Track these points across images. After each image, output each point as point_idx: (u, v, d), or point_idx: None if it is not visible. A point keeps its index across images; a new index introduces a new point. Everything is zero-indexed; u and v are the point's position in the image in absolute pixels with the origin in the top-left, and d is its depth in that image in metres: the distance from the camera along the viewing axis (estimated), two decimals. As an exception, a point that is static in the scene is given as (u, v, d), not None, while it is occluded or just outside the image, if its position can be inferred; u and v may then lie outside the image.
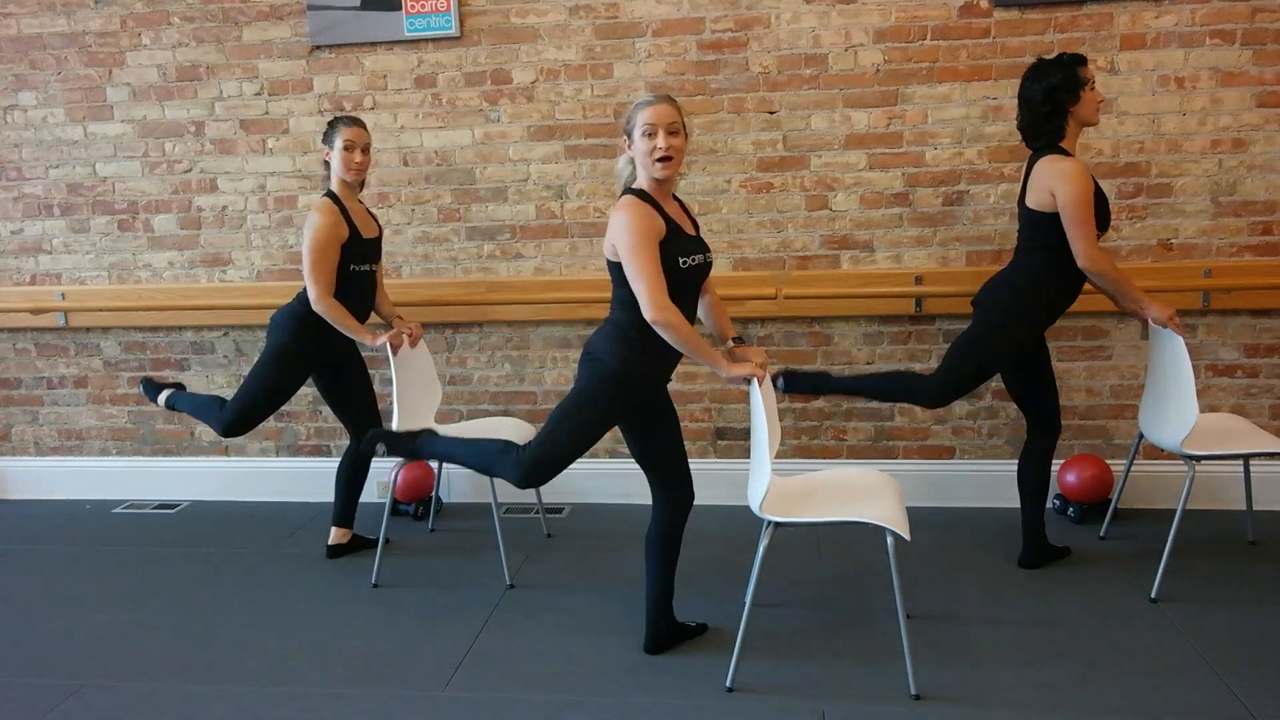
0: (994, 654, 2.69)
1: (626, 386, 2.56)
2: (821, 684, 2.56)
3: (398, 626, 2.97)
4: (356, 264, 3.26)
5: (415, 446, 2.84)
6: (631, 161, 2.51)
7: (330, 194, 3.25)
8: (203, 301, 4.01)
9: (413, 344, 3.39)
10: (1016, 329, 3.03)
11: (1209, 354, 3.66)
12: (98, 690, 2.66)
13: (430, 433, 2.87)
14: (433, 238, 3.94)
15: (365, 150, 3.24)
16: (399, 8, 3.74)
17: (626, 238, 2.41)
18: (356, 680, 2.67)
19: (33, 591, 3.33)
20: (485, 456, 2.71)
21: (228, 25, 3.88)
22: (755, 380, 2.53)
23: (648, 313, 2.40)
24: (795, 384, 3.26)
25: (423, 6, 3.72)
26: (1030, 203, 2.96)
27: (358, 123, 3.23)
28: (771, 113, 3.68)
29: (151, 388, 3.58)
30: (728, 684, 2.56)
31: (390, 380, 3.28)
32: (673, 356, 2.60)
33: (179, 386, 3.59)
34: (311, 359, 3.35)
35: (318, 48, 3.85)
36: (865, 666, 2.64)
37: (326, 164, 3.26)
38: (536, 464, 2.60)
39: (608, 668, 2.69)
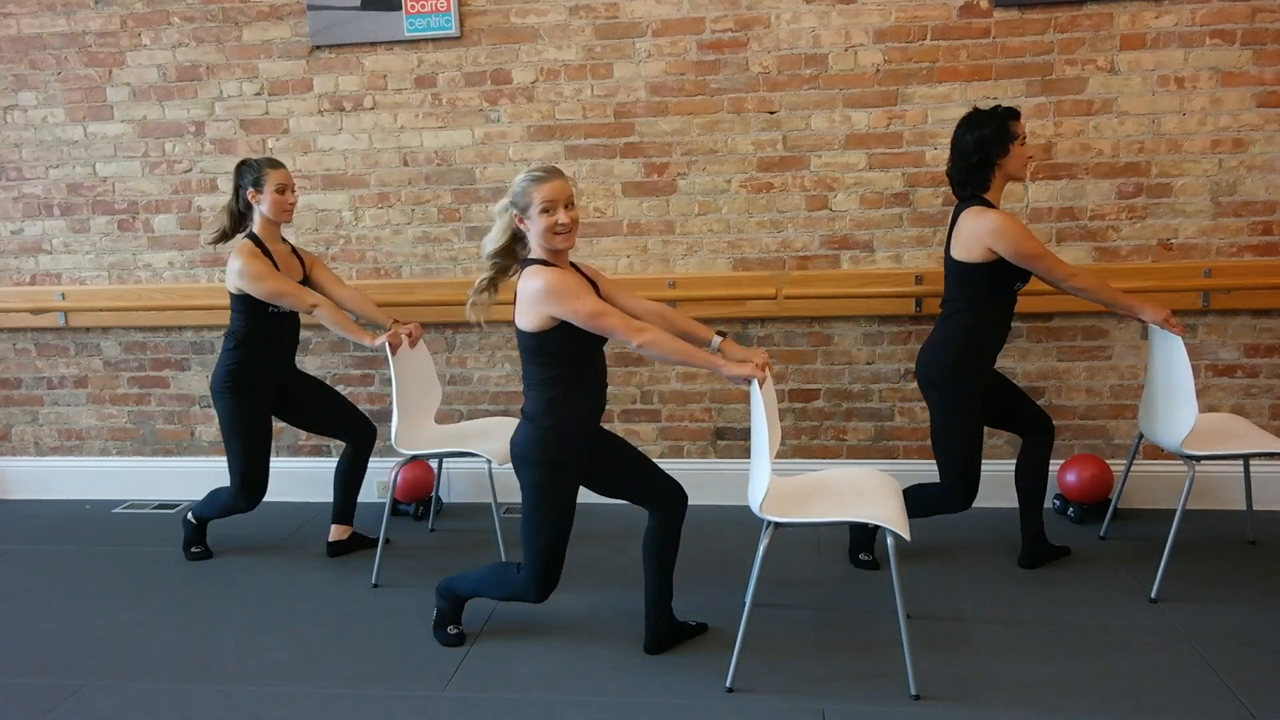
0: (994, 654, 2.69)
1: (566, 464, 2.59)
2: (821, 684, 2.56)
3: (398, 626, 2.97)
4: (276, 306, 3.27)
5: (452, 610, 2.86)
6: (513, 235, 2.53)
7: (252, 235, 3.26)
8: (203, 301, 4.01)
9: (412, 344, 3.39)
10: (970, 388, 3.02)
11: (1209, 354, 3.66)
12: (98, 690, 2.66)
13: (452, 601, 2.85)
14: (433, 238, 3.94)
15: (294, 190, 3.29)
16: (399, 8, 3.74)
17: (561, 292, 2.41)
18: (356, 680, 2.67)
19: (33, 591, 3.33)
20: (497, 587, 2.72)
21: (228, 25, 3.88)
22: (756, 381, 2.53)
23: (631, 342, 2.42)
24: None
25: (423, 6, 3.72)
26: (956, 255, 2.97)
27: (282, 164, 3.27)
28: (771, 113, 3.68)
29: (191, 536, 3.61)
30: (728, 684, 2.56)
31: (390, 380, 3.28)
32: (600, 407, 2.65)
33: (205, 552, 3.60)
34: (261, 394, 3.36)
35: (318, 48, 3.85)
36: (865, 666, 2.64)
37: (247, 205, 3.26)
38: (540, 576, 2.63)
39: (608, 668, 2.69)
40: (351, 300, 3.45)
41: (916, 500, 3.13)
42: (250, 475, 3.37)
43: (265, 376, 3.36)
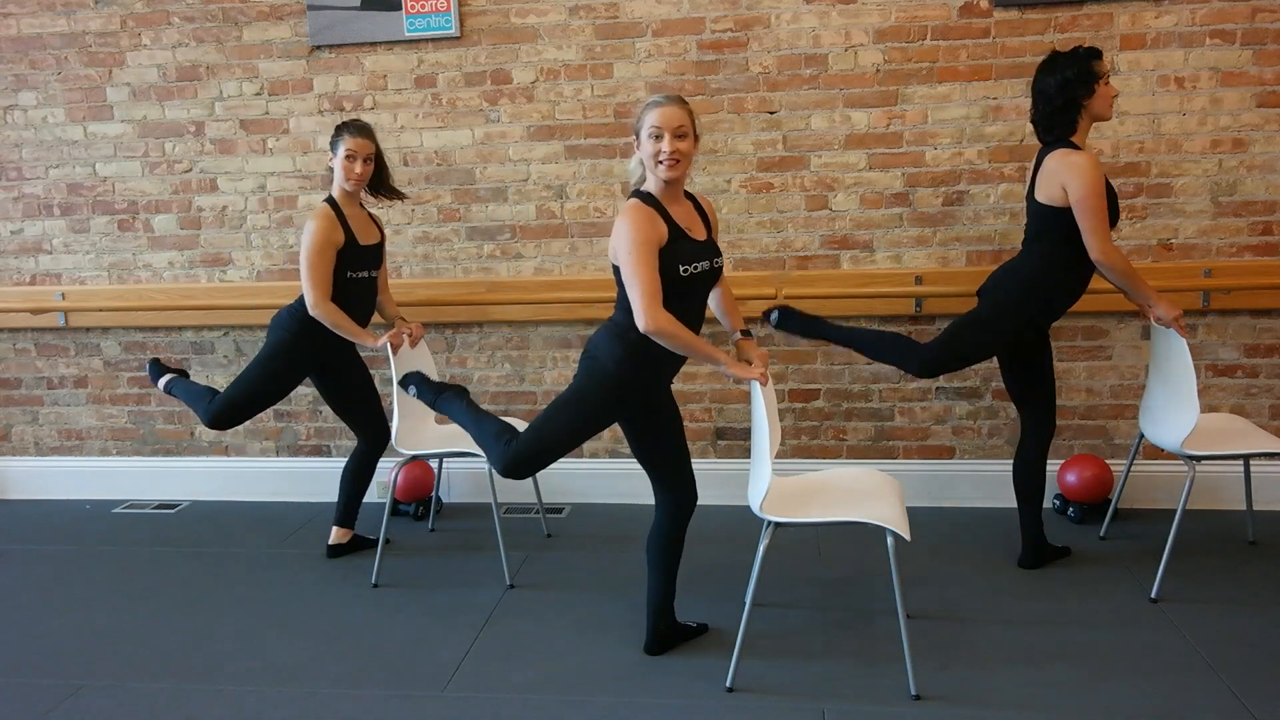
0: (994, 654, 2.69)
1: (623, 389, 2.56)
2: (821, 684, 2.56)
3: (398, 626, 2.97)
4: (354, 270, 3.26)
5: (438, 401, 2.87)
6: (641, 163, 2.50)
7: (330, 200, 3.25)
8: (203, 301, 4.01)
9: (413, 344, 3.39)
10: (1018, 318, 3.02)
11: (1209, 354, 3.66)
12: (98, 690, 2.66)
13: (460, 394, 2.85)
14: (433, 238, 3.94)
15: (368, 160, 3.22)
16: (399, 8, 3.74)
17: (624, 245, 2.39)
18: (356, 680, 2.67)
19: (33, 591, 3.33)
20: (482, 432, 2.70)
21: (228, 25, 3.88)
22: (757, 381, 2.53)
23: (640, 322, 2.38)
24: (787, 321, 3.23)
25: (423, 6, 3.72)
26: (1040, 196, 2.94)
27: (364, 132, 3.22)
28: (771, 113, 3.68)
29: (156, 369, 3.60)
30: (728, 684, 2.56)
31: (391, 380, 3.28)
32: (674, 360, 2.59)
33: (183, 374, 3.60)
34: (309, 361, 3.36)
35: (318, 48, 3.85)
36: (865, 666, 2.64)
37: (330, 169, 3.26)
38: (522, 454, 2.58)
39: (608, 668, 2.69)
40: (383, 291, 3.46)
41: (886, 342, 3.13)
42: (238, 409, 3.33)
43: (322, 338, 3.29)
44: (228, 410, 3.34)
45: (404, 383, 2.97)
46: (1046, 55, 2.95)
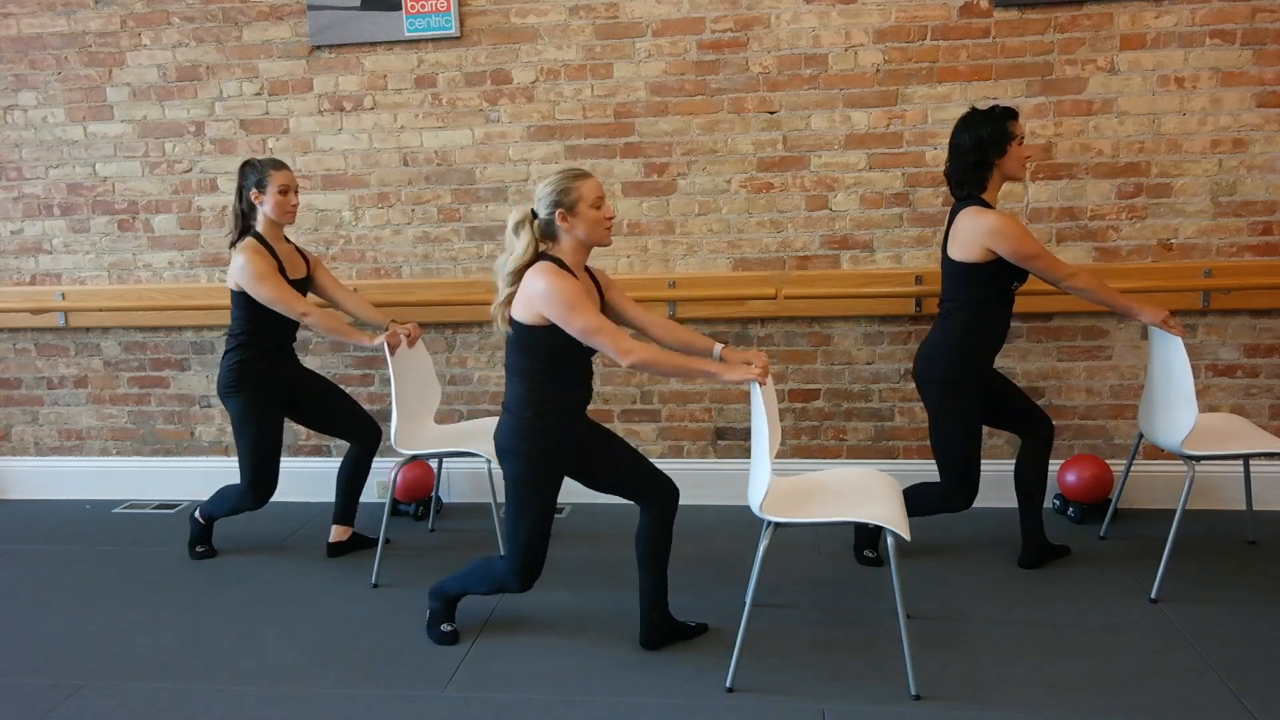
0: (994, 654, 2.69)
1: (549, 457, 2.60)
2: (821, 684, 2.56)
3: (398, 626, 2.97)
4: None
5: (444, 609, 2.88)
6: (534, 247, 2.51)
7: (256, 234, 3.27)
8: (203, 301, 4.01)
9: (410, 344, 3.39)
10: (968, 388, 3.03)
11: (1209, 354, 3.66)
12: (98, 690, 2.66)
13: (443, 600, 2.87)
14: (433, 238, 3.94)
15: (296, 191, 3.28)
16: (399, 8, 3.74)
17: (562, 300, 2.42)
18: (356, 680, 2.67)
19: (33, 591, 3.33)
20: (482, 581, 2.75)
21: (228, 25, 3.88)
22: (756, 381, 2.53)
23: (622, 361, 2.44)
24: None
25: (423, 6, 3.72)
26: (956, 255, 2.96)
27: (286, 165, 3.27)
28: (771, 113, 3.68)
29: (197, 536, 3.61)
30: (728, 684, 2.56)
31: (390, 380, 3.28)
32: (584, 401, 2.65)
33: (210, 550, 3.60)
34: (269, 391, 3.35)
35: (318, 48, 3.85)
36: (865, 666, 2.64)
37: (250, 206, 3.26)
38: (522, 566, 2.64)
39: (608, 667, 2.69)
40: (350, 303, 3.45)
41: (917, 499, 3.13)
42: (260, 472, 3.37)
43: (271, 372, 3.35)
44: (256, 478, 3.37)
45: (436, 638, 2.89)
46: (966, 111, 2.98)
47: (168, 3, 3.89)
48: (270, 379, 3.35)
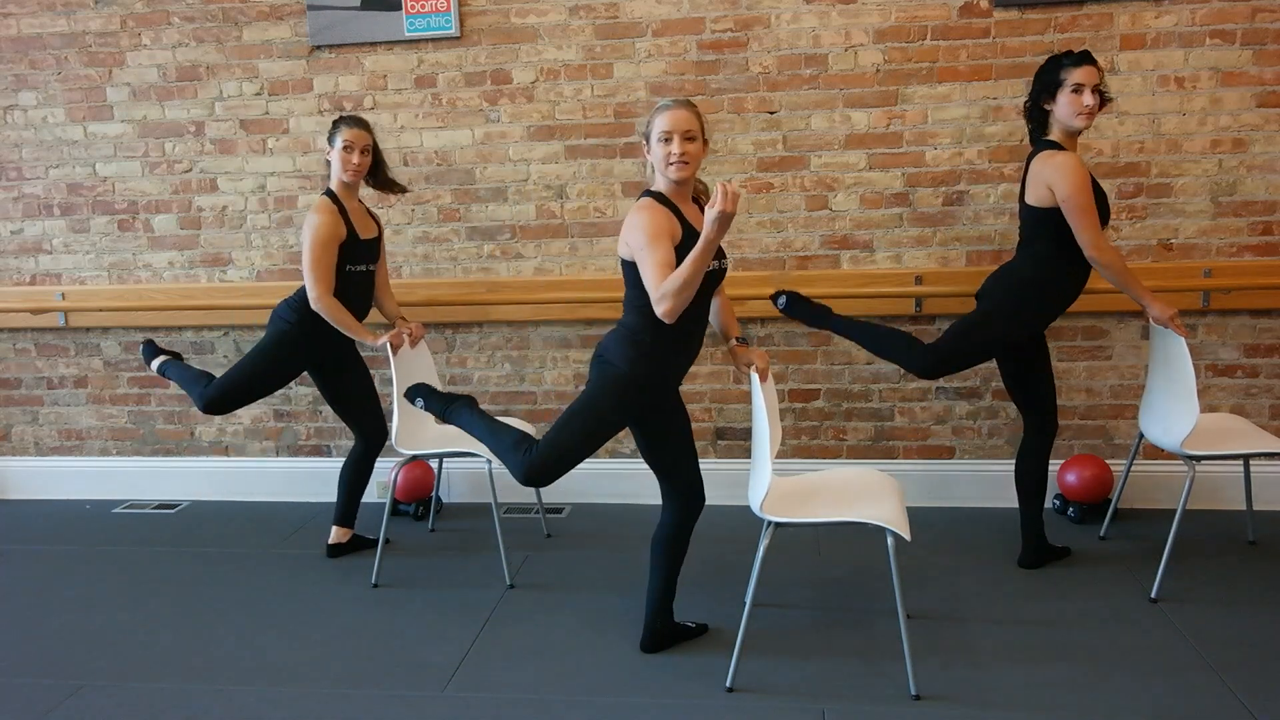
0: (994, 654, 2.69)
1: (636, 389, 2.55)
2: (821, 684, 2.56)
3: (398, 626, 2.97)
4: (353, 264, 3.27)
5: (447, 411, 2.84)
6: (652, 166, 2.52)
7: (329, 193, 3.26)
8: (203, 301, 4.01)
9: (413, 344, 3.39)
10: (1016, 320, 3.02)
11: (1209, 354, 3.66)
12: (98, 690, 2.66)
13: (468, 403, 2.84)
14: (433, 238, 3.94)
15: (365, 151, 3.25)
16: (399, 8, 3.74)
17: (640, 234, 2.40)
18: (356, 680, 2.67)
19: (33, 591, 3.33)
20: (499, 444, 2.68)
21: (228, 25, 3.88)
22: (756, 379, 2.53)
23: (657, 304, 2.35)
24: (795, 308, 3.23)
25: (423, 6, 3.72)
26: (1029, 199, 2.96)
27: (360, 123, 3.25)
28: (771, 113, 3.68)
29: (150, 350, 3.61)
30: (728, 684, 2.56)
31: (390, 380, 3.28)
32: (683, 360, 2.61)
33: (177, 356, 3.60)
34: (306, 354, 3.36)
35: (318, 48, 3.85)
36: (865, 666, 2.64)
37: (328, 163, 3.27)
38: (542, 463, 2.57)
39: (608, 668, 2.69)
40: (383, 289, 3.47)
41: (888, 339, 3.13)
42: (232, 395, 3.33)
43: (319, 337, 3.32)
44: (222, 396, 3.33)
45: (410, 395, 2.94)
46: None
47: (168, 3, 3.89)
48: (314, 342, 3.33)
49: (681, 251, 2.42)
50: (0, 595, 3.31)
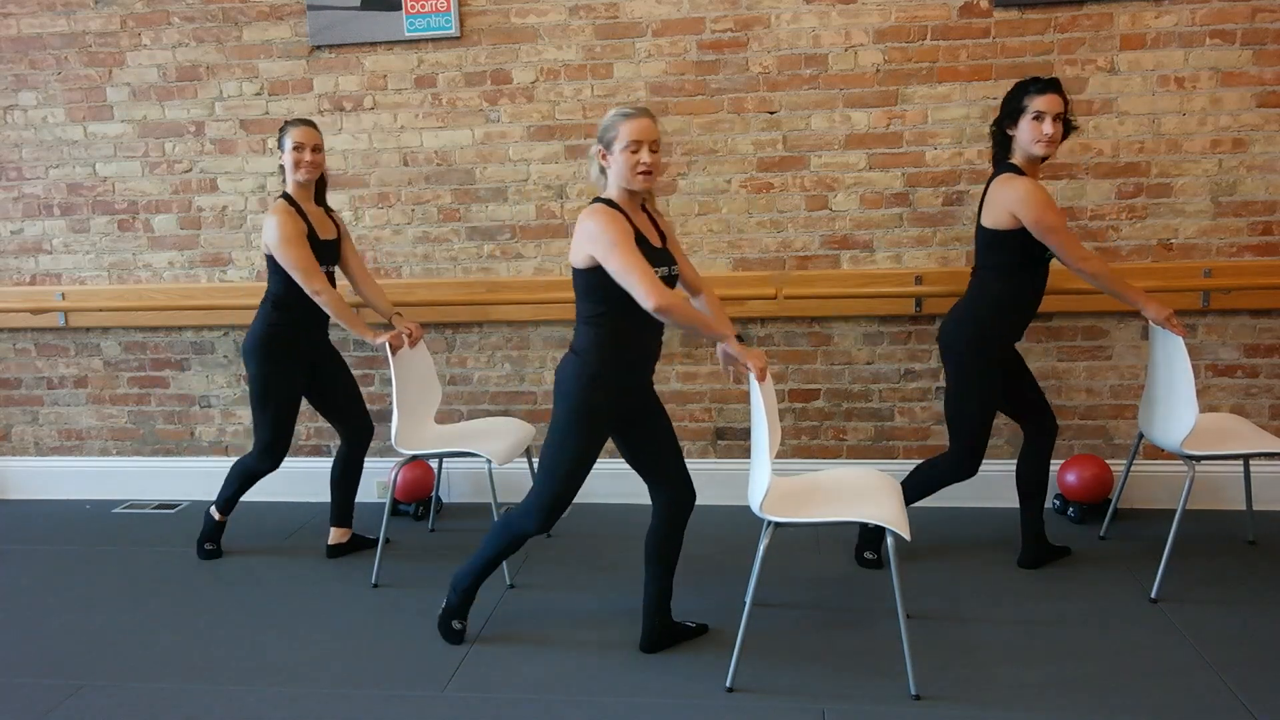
0: (994, 654, 2.69)
1: (602, 413, 2.58)
2: (821, 684, 2.56)
3: (398, 626, 2.97)
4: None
5: (460, 603, 2.85)
6: (603, 171, 2.53)
7: (285, 195, 3.27)
8: (203, 301, 4.01)
9: (412, 344, 3.39)
10: (990, 358, 3.02)
11: (1209, 354, 3.66)
12: (98, 690, 2.66)
13: (461, 594, 2.84)
14: (433, 238, 3.94)
15: (316, 149, 3.27)
16: (399, 8, 3.74)
17: (605, 238, 2.42)
18: (356, 680, 2.67)
19: (33, 591, 3.33)
20: (499, 539, 2.73)
21: (228, 25, 3.88)
22: (755, 379, 2.53)
23: (647, 303, 2.39)
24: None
25: (423, 6, 3.72)
26: (985, 222, 2.97)
27: (307, 123, 3.27)
28: (771, 113, 3.68)
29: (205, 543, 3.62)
30: (728, 684, 2.56)
31: (390, 380, 3.28)
32: (649, 358, 2.63)
33: (216, 546, 3.61)
34: (294, 366, 3.36)
35: (318, 48, 3.85)
36: (865, 666, 2.64)
37: (281, 168, 3.29)
38: (546, 506, 2.63)
39: (608, 668, 2.69)
40: (365, 282, 3.47)
41: (922, 477, 3.13)
42: (276, 439, 3.38)
43: (300, 342, 3.35)
44: (270, 446, 3.38)
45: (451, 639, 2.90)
46: None
47: (168, 3, 3.89)
48: (296, 347, 3.35)
49: None
50: (0, 595, 3.31)
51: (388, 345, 3.25)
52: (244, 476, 3.48)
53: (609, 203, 2.51)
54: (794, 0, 3.59)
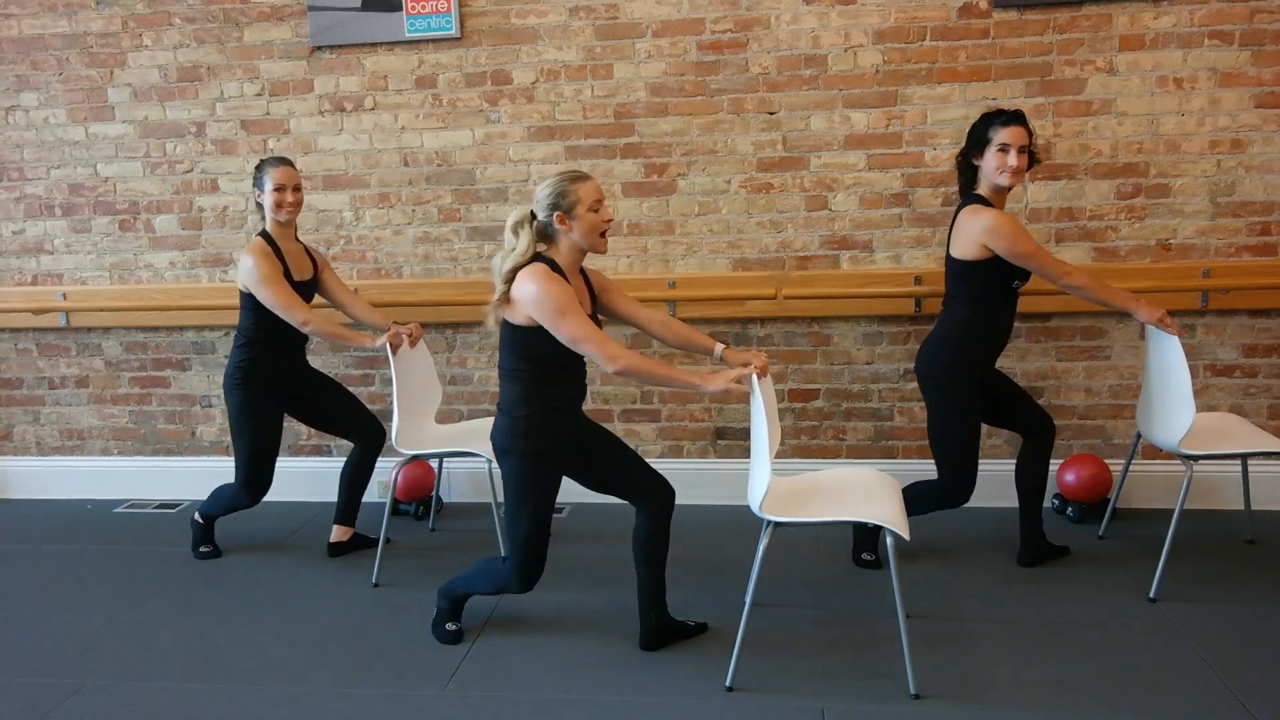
0: (993, 653, 2.69)
1: (547, 463, 2.61)
2: (821, 684, 2.57)
3: (398, 626, 2.98)
4: None
5: (450, 608, 2.88)
6: (529, 231, 2.51)
7: (264, 234, 3.28)
8: (204, 301, 4.02)
9: (412, 344, 3.39)
10: (967, 385, 3.03)
11: (1207, 354, 3.67)
12: (98, 690, 2.66)
13: (450, 600, 2.87)
14: (433, 238, 3.94)
15: (296, 189, 3.28)
16: (399, 8, 3.74)
17: (549, 304, 2.44)
18: (356, 680, 2.67)
19: (33, 591, 3.34)
20: (486, 581, 2.76)
21: (229, 26, 3.89)
22: (755, 379, 2.54)
23: (609, 367, 2.45)
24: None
25: (423, 7, 3.73)
26: (954, 252, 2.99)
27: (285, 162, 3.28)
28: (771, 113, 3.69)
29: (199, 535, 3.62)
30: (728, 684, 2.56)
31: (391, 380, 3.28)
32: (577, 398, 2.67)
33: (213, 547, 3.61)
34: (272, 392, 3.37)
35: (318, 48, 3.86)
36: (865, 666, 2.65)
37: (259, 205, 3.30)
38: (521, 566, 2.65)
39: (607, 667, 2.69)
40: (354, 306, 3.47)
41: (914, 498, 3.14)
42: (255, 473, 3.38)
43: (277, 373, 3.37)
44: (250, 478, 3.39)
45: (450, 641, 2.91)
46: None
47: (169, 4, 3.89)
48: (274, 380, 3.36)
49: None
50: (0, 595, 3.31)
51: (388, 345, 3.26)
52: (226, 502, 3.50)
53: (551, 264, 2.52)
54: (794, 1, 3.60)
